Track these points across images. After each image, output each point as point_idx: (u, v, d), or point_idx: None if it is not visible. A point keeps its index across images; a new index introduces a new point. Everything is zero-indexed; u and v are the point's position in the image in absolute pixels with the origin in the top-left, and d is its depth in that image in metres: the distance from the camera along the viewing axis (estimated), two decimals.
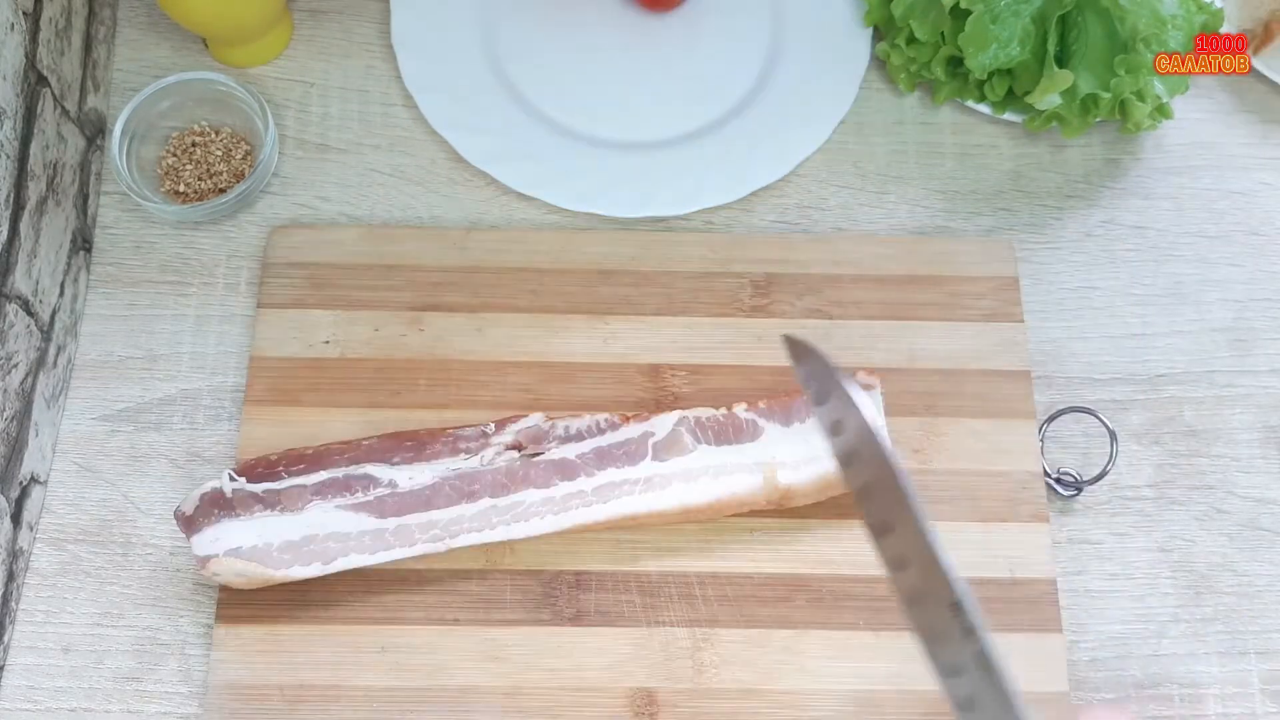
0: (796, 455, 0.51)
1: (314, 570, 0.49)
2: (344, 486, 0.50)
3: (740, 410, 0.52)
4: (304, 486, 0.50)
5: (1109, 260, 0.61)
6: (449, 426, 0.52)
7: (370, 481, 0.50)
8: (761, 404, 0.53)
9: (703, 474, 0.51)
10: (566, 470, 0.51)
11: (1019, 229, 0.62)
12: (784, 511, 0.52)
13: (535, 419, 0.53)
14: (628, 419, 0.52)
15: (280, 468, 0.51)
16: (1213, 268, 0.61)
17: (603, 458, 0.51)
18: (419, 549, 0.49)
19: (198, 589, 0.53)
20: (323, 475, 0.50)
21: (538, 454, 0.52)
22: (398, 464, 0.51)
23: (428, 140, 0.63)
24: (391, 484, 0.50)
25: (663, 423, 0.52)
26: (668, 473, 0.51)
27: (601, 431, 0.52)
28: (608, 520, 0.50)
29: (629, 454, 0.51)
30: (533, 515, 0.50)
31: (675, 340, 0.57)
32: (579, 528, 0.51)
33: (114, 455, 0.56)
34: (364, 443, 0.52)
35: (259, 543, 0.49)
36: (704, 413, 0.53)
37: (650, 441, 0.52)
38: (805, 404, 0.52)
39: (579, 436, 0.52)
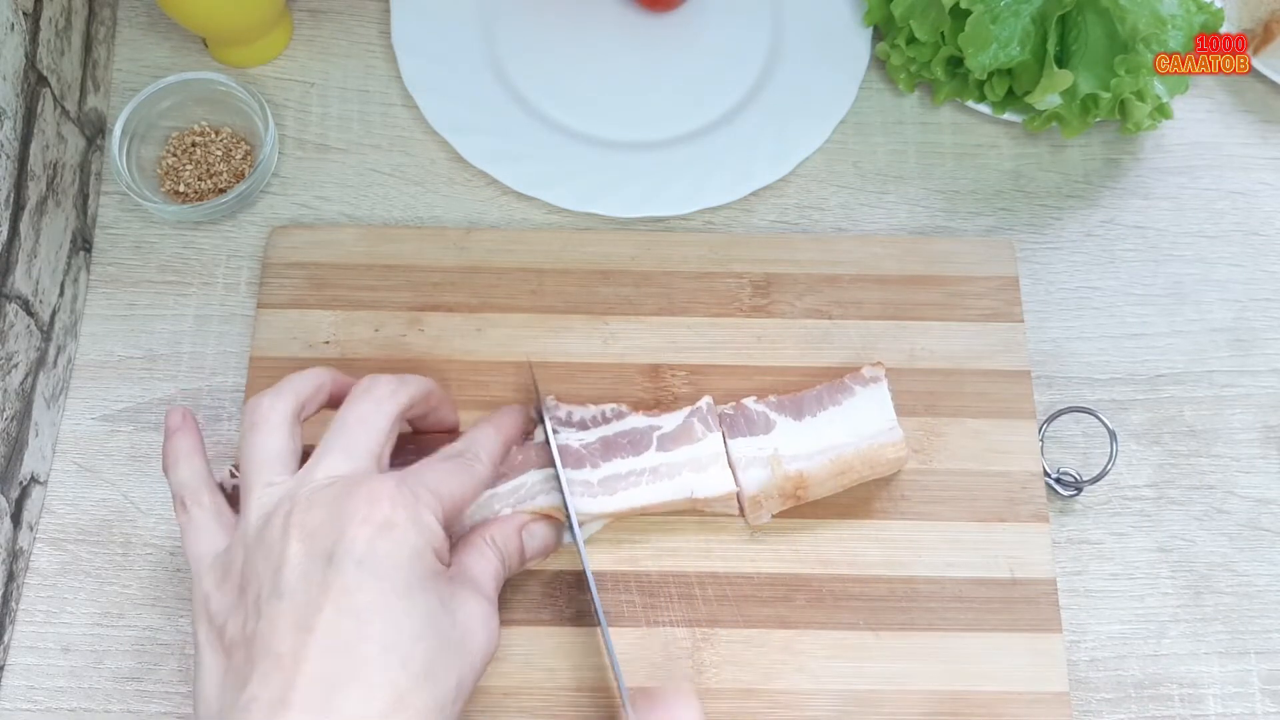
0: (809, 447, 0.51)
1: None
2: None
3: (750, 402, 0.53)
4: None
5: (1109, 260, 0.61)
6: None
7: None
8: (772, 397, 0.53)
9: (712, 463, 0.51)
10: (571, 458, 0.51)
11: (1019, 229, 0.62)
12: (784, 511, 0.52)
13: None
14: (637, 409, 0.52)
15: None
16: (1213, 268, 0.61)
17: (609, 447, 0.51)
18: None
19: None
20: None
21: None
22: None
23: (428, 140, 0.63)
24: None
25: (672, 419, 0.52)
26: (676, 461, 0.51)
27: (608, 421, 0.52)
28: (615, 512, 0.50)
29: (634, 443, 0.51)
30: (539, 494, 0.50)
31: (675, 340, 0.57)
32: (586, 516, 0.50)
33: (114, 455, 0.56)
34: None
35: None
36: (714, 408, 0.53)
37: (656, 434, 0.51)
38: (816, 395, 0.53)
39: (583, 425, 0.52)
